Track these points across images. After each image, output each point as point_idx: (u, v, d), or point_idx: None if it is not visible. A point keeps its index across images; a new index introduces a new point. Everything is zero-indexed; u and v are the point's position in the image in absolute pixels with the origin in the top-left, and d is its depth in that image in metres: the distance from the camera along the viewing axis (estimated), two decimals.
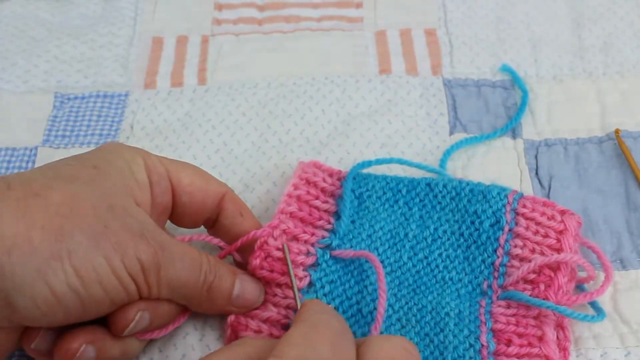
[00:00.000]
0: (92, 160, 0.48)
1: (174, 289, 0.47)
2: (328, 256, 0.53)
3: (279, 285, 0.52)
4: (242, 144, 0.64)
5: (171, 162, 0.52)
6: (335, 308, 0.51)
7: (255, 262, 0.52)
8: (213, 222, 0.54)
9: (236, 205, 0.53)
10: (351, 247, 0.54)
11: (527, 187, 0.61)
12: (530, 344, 0.49)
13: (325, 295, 0.51)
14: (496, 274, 0.53)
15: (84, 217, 0.43)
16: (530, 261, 0.52)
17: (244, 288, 0.50)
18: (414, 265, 0.54)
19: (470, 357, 0.48)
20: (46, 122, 0.66)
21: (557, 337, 0.50)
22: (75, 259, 0.42)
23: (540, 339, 0.50)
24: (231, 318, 0.51)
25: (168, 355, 0.52)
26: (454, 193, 0.56)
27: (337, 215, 0.56)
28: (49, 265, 0.42)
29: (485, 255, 0.53)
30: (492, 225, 0.54)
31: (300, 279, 0.51)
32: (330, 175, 0.58)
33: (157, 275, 0.45)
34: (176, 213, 0.52)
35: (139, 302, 0.46)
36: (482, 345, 0.49)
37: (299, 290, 0.51)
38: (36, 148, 0.64)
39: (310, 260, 0.52)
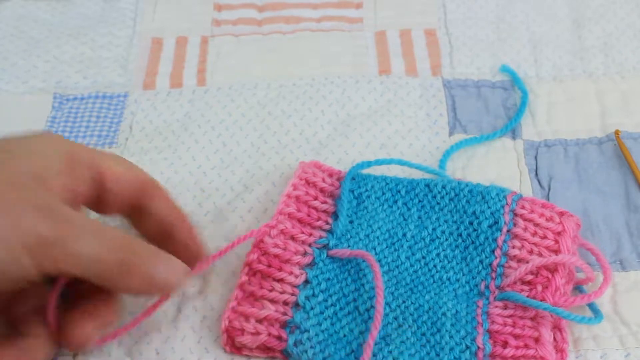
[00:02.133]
0: (9, 145, 0.46)
1: (85, 265, 0.44)
2: (325, 255, 0.53)
3: (276, 280, 0.52)
4: (241, 144, 0.64)
5: (98, 151, 0.50)
6: (332, 305, 0.51)
7: (253, 256, 0.53)
8: (139, 212, 0.51)
9: (162, 192, 0.52)
10: (349, 246, 0.54)
11: (527, 188, 0.60)
12: (526, 346, 0.49)
13: (322, 292, 0.51)
14: (494, 275, 0.52)
15: None
16: (528, 262, 0.51)
17: (167, 268, 0.47)
18: (411, 265, 0.54)
19: (466, 359, 0.48)
20: (45, 123, 0.66)
21: (555, 339, 0.50)
22: None
23: (537, 340, 0.49)
24: (225, 323, 0.51)
25: (166, 358, 0.52)
26: (452, 194, 0.56)
27: (336, 215, 0.56)
28: None
29: (483, 255, 0.53)
30: (490, 226, 0.54)
31: (297, 276, 0.52)
32: (330, 175, 0.58)
33: (63, 249, 0.43)
34: (100, 200, 0.50)
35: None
36: (479, 347, 0.49)
37: (296, 286, 0.51)
38: None
39: (307, 259, 0.53)
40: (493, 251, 0.53)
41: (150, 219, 0.51)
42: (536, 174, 0.62)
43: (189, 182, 0.61)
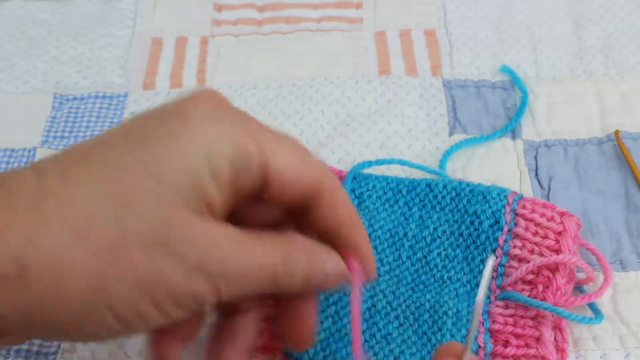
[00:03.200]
0: (148, 144, 0.37)
1: (246, 284, 0.39)
2: None
3: None
4: None
5: (269, 138, 0.40)
6: (333, 304, 0.51)
7: None
8: (301, 212, 0.42)
9: (331, 199, 0.42)
10: None
11: (527, 188, 0.60)
12: (527, 345, 0.49)
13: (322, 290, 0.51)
14: (495, 274, 0.52)
15: (129, 255, 0.35)
16: (529, 262, 0.51)
17: (329, 266, 0.42)
18: (412, 264, 0.54)
19: None
20: (45, 123, 0.66)
21: (555, 339, 0.50)
22: (117, 308, 0.36)
23: (538, 339, 0.49)
24: None
25: None
26: (453, 193, 0.56)
27: None
28: (89, 317, 0.36)
29: (484, 255, 0.53)
30: (491, 226, 0.54)
31: None
32: None
33: (214, 299, 0.38)
34: (263, 198, 0.41)
35: None
36: (480, 346, 0.49)
37: None
38: (35, 149, 0.64)
39: None
40: (494, 251, 0.53)
41: (312, 222, 0.43)
42: (536, 174, 0.62)
43: None
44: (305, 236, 0.42)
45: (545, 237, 0.53)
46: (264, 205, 0.42)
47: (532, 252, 0.53)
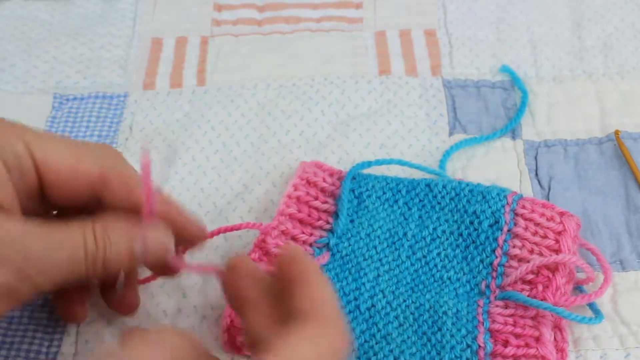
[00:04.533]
0: None
1: (60, 282, 0.43)
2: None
3: None
4: (241, 145, 0.64)
5: (37, 137, 0.45)
6: None
7: (254, 256, 0.53)
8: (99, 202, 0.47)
9: (120, 179, 0.46)
10: (349, 245, 0.54)
11: (527, 188, 0.60)
12: (527, 345, 0.49)
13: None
14: (494, 274, 0.52)
15: None
16: (528, 262, 0.51)
17: (148, 241, 0.45)
18: (412, 264, 0.54)
19: (467, 358, 0.48)
20: (45, 123, 0.66)
21: (555, 339, 0.50)
22: None
23: (538, 339, 0.49)
24: (227, 321, 0.51)
25: None
26: (453, 193, 0.56)
27: (337, 214, 0.56)
28: None
29: (484, 255, 0.53)
30: (491, 226, 0.54)
31: None
32: (331, 175, 0.58)
33: (31, 286, 0.42)
34: (47, 193, 0.45)
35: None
36: (480, 346, 0.49)
37: None
38: None
39: None
40: (494, 250, 0.53)
41: (112, 205, 0.47)
42: (536, 174, 0.62)
43: (189, 182, 0.61)
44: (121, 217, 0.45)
45: (545, 236, 0.53)
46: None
47: (531, 252, 0.53)
